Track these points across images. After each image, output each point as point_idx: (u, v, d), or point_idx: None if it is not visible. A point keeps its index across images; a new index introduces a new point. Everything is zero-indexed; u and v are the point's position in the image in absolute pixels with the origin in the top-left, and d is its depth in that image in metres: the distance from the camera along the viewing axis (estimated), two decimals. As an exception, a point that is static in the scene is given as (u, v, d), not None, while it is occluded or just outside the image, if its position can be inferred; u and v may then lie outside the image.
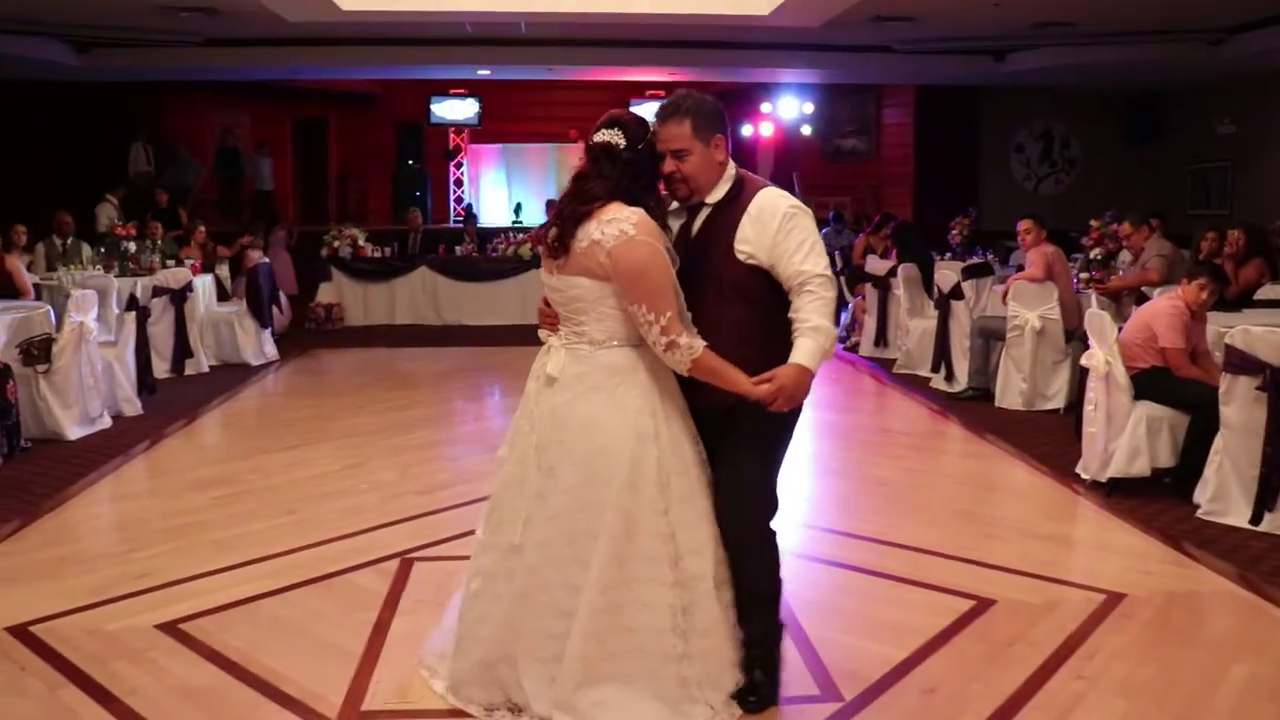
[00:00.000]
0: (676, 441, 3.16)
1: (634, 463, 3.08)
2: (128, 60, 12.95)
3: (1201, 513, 5.36)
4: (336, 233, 13.44)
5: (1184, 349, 5.77)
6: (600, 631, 3.08)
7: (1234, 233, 8.07)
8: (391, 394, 9.00)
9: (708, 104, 3.21)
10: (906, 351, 9.76)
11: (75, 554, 4.91)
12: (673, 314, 2.99)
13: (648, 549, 3.09)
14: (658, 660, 3.11)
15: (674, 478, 3.13)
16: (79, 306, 7.03)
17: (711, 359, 3.03)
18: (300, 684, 3.55)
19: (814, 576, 4.63)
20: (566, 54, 13.55)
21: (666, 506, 3.11)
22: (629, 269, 2.99)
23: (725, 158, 3.24)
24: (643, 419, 3.11)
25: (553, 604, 3.13)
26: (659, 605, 3.09)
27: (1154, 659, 3.79)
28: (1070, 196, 15.87)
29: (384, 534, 5.14)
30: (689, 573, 3.13)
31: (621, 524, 3.07)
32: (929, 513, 5.65)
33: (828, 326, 3.10)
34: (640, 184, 3.13)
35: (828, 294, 3.12)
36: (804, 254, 3.12)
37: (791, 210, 3.15)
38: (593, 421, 3.12)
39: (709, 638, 3.17)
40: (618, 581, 3.07)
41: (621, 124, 3.15)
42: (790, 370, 3.04)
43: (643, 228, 3.01)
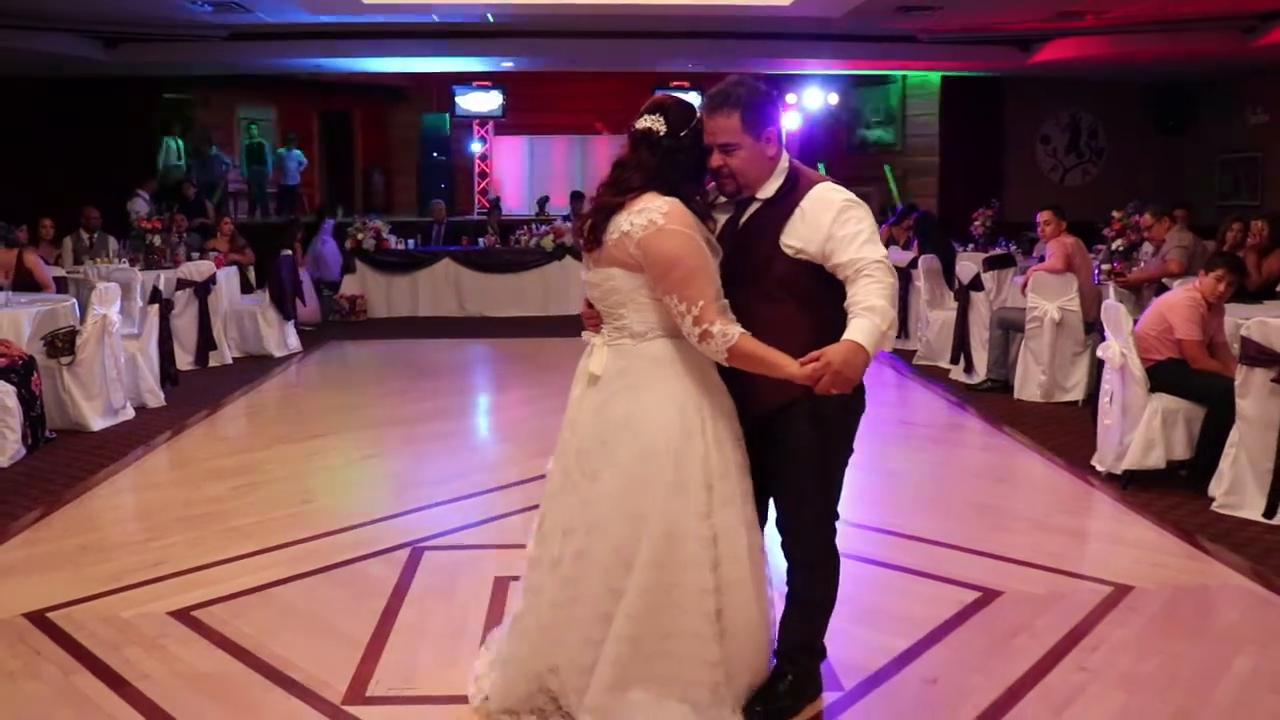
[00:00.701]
0: (721, 441, 3.03)
1: (680, 462, 2.96)
2: (156, 55, 13.08)
3: (1217, 506, 5.33)
4: (360, 225, 13.52)
5: (1200, 341, 5.73)
6: (637, 635, 2.97)
7: (1257, 223, 7.99)
8: (412, 385, 9.07)
9: (760, 94, 3.02)
10: (927, 343, 9.73)
11: (94, 543, 5.00)
12: (706, 303, 2.85)
13: (690, 553, 2.96)
14: (693, 665, 3.01)
15: (718, 481, 3.00)
16: (102, 299, 7.13)
17: (750, 343, 2.85)
18: (307, 670, 3.60)
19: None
20: (589, 46, 13.55)
21: (710, 510, 2.99)
22: (659, 259, 2.88)
23: (777, 152, 3.06)
24: (689, 415, 2.98)
25: (595, 613, 3.02)
26: (697, 611, 2.98)
27: (1157, 651, 3.78)
28: (1097, 187, 15.72)
29: (396, 523, 5.21)
30: (727, 578, 3.02)
31: (665, 527, 2.95)
32: (941, 504, 5.65)
33: (885, 307, 2.84)
34: (681, 173, 3.00)
35: (888, 278, 2.90)
36: (860, 242, 2.91)
37: (848, 202, 2.97)
38: (636, 419, 2.99)
39: (739, 640, 3.08)
40: (657, 585, 2.96)
41: (663, 109, 3.01)
42: (841, 347, 2.76)
43: (673, 216, 2.89)
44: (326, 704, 3.38)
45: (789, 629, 3.26)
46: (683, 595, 2.97)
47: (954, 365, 9.00)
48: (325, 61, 14.48)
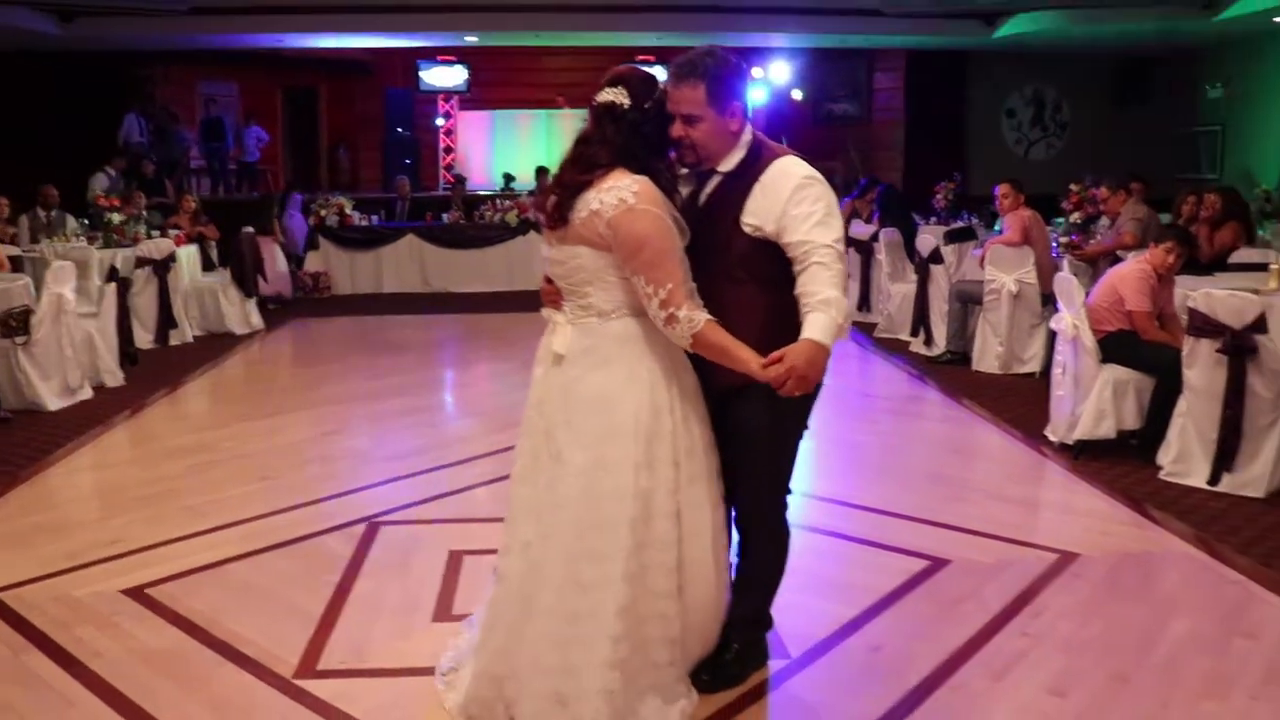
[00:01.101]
0: (688, 418, 2.99)
1: (650, 440, 2.91)
2: (112, 29, 12.92)
3: (1164, 474, 5.43)
4: (323, 201, 13.44)
5: (1150, 312, 5.81)
6: (626, 632, 2.88)
7: (1210, 196, 8.09)
8: (375, 361, 9.06)
9: (727, 66, 2.96)
10: (888, 316, 9.80)
11: (49, 522, 4.98)
12: (674, 286, 2.79)
13: (660, 533, 2.93)
14: (658, 647, 2.98)
15: (684, 458, 2.97)
16: (57, 278, 7.07)
17: (716, 333, 2.81)
18: (260, 645, 3.62)
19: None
20: (553, 19, 13.51)
21: (677, 486, 2.95)
22: (629, 240, 2.81)
23: (741, 126, 3.01)
24: (658, 391, 2.94)
25: (558, 606, 2.90)
26: (665, 591, 2.95)
27: (1099, 616, 3.86)
28: (1062, 161, 15.81)
29: (354, 499, 5.22)
30: (689, 555, 3.00)
31: (641, 509, 2.89)
32: (896, 475, 5.72)
33: (839, 298, 2.83)
34: (648, 146, 2.94)
35: (837, 265, 2.86)
36: (813, 223, 2.87)
37: (807, 179, 2.92)
38: (604, 397, 2.93)
39: (696, 615, 3.08)
40: (637, 572, 2.89)
41: (625, 81, 2.93)
42: (802, 348, 2.76)
43: (644, 196, 2.82)
44: (278, 678, 3.40)
45: (738, 601, 3.26)
46: (654, 577, 2.93)
47: (914, 338, 9.08)
48: (287, 38, 14.35)
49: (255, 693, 3.32)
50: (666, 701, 3.03)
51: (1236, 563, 4.34)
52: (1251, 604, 3.99)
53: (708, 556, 3.06)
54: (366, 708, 3.21)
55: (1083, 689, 3.33)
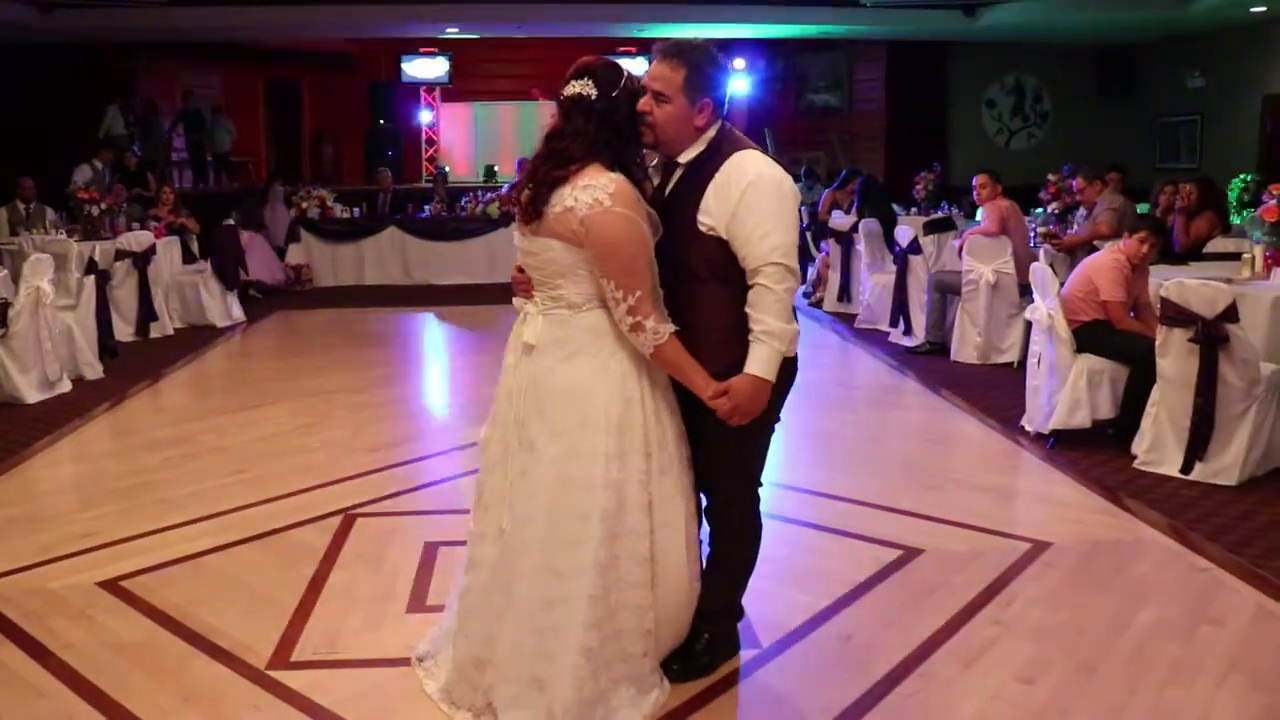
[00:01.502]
0: (659, 409, 3.01)
1: (621, 431, 2.92)
2: (92, 20, 12.84)
3: (1138, 463, 5.47)
4: (304, 194, 13.40)
5: (1124, 302, 5.85)
6: (598, 619, 2.91)
7: (1186, 186, 8.14)
8: (355, 353, 9.05)
9: (712, 63, 2.96)
10: (867, 306, 9.82)
11: (25, 514, 4.98)
12: (643, 294, 2.81)
13: (632, 523, 2.94)
14: (633, 638, 3.01)
15: (656, 449, 2.98)
16: (35, 271, 7.04)
17: (675, 350, 2.87)
18: (233, 636, 3.63)
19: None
20: (535, 10, 13.48)
21: (649, 477, 2.96)
22: (601, 242, 2.80)
23: (706, 123, 2.98)
24: (629, 383, 2.94)
25: (534, 593, 2.93)
26: (639, 582, 2.97)
27: (1068, 605, 3.90)
28: (1042, 151, 15.89)
29: (330, 491, 5.22)
30: (661, 545, 3.02)
31: (613, 498, 2.91)
32: (872, 466, 5.75)
33: (781, 328, 2.88)
34: (620, 135, 2.92)
35: (780, 286, 2.87)
36: (760, 234, 2.85)
37: (755, 180, 2.88)
38: (576, 389, 2.93)
39: (668, 606, 3.09)
40: (609, 562, 2.92)
41: (591, 72, 2.90)
42: (744, 383, 2.87)
43: (619, 197, 2.81)
44: (250, 669, 3.42)
45: (709, 592, 3.25)
46: (627, 568, 2.95)
47: (893, 328, 9.11)
48: (268, 29, 14.29)
49: (227, 683, 3.33)
50: (641, 692, 3.06)
51: (1206, 551, 4.38)
52: (1220, 592, 4.03)
53: (680, 548, 3.08)
54: (338, 698, 3.22)
55: (1050, 676, 3.36)
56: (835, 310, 10.70)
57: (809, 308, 11.21)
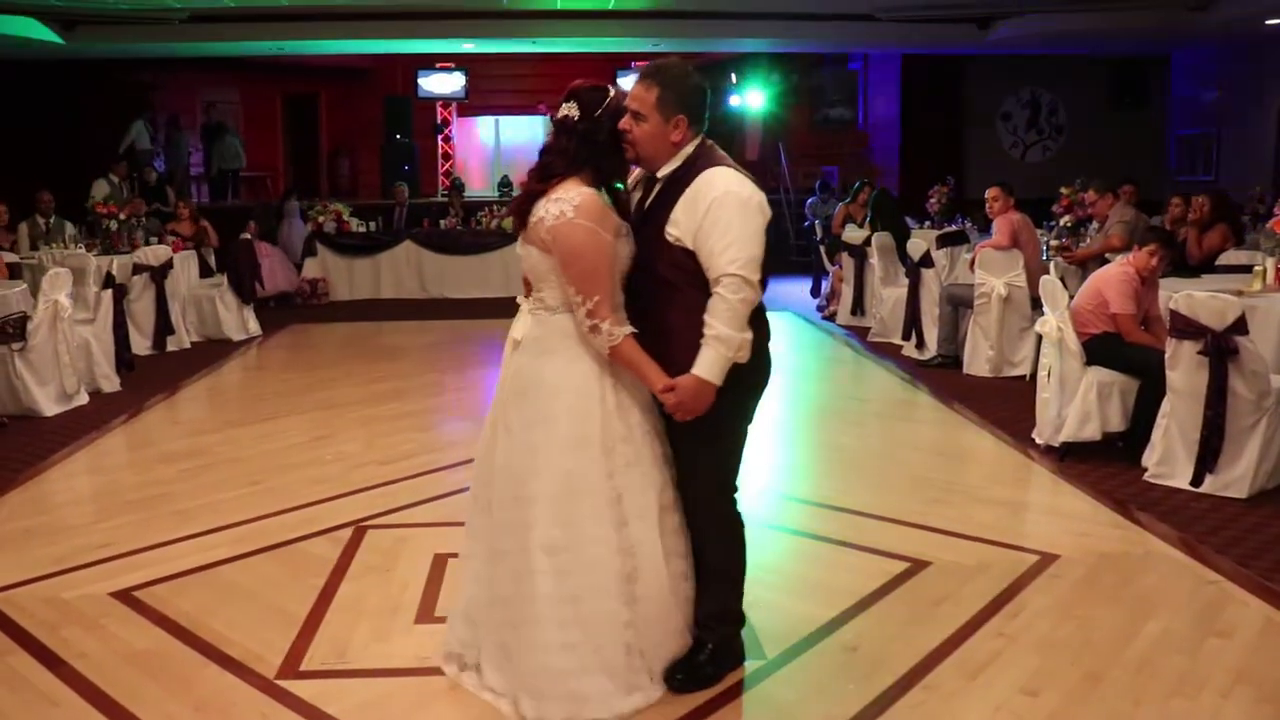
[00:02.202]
0: (624, 407, 3.17)
1: (577, 422, 3.11)
2: (113, 37, 13.00)
3: (1149, 476, 5.47)
4: (321, 208, 13.50)
5: (1134, 315, 5.85)
6: (549, 595, 3.08)
7: (1199, 198, 8.12)
8: (369, 367, 9.11)
9: (687, 83, 3.14)
10: (880, 320, 9.84)
11: (41, 526, 5.04)
12: (600, 298, 3.02)
13: (592, 510, 3.10)
14: (605, 627, 3.11)
15: (619, 444, 3.14)
16: (53, 285, 7.13)
17: (630, 349, 3.06)
18: (243, 646, 3.67)
19: (755, 539, 4.63)
20: (550, 26, 13.57)
21: (611, 470, 3.12)
22: (563, 250, 3.04)
23: (682, 140, 3.14)
24: (590, 381, 3.13)
25: (504, 565, 3.19)
26: (606, 570, 3.10)
27: (1075, 617, 3.89)
28: (1057, 164, 15.85)
29: (342, 503, 5.26)
30: (633, 538, 3.13)
31: (562, 485, 3.09)
32: (882, 478, 5.76)
33: (729, 334, 3.01)
34: (599, 151, 3.13)
35: (735, 296, 3.00)
36: (722, 246, 3.00)
37: (722, 197, 3.03)
38: (543, 383, 3.16)
39: (653, 604, 3.18)
40: (564, 545, 3.08)
41: (575, 95, 3.16)
42: (688, 382, 3.02)
43: (584, 210, 3.03)
44: (260, 678, 3.45)
45: (702, 598, 3.33)
46: (591, 553, 3.10)
47: (906, 341, 9.11)
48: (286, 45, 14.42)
49: (237, 693, 3.37)
50: (617, 686, 3.15)
51: (1216, 563, 4.38)
52: (1228, 604, 4.02)
53: (654, 540, 3.18)
54: (345, 707, 3.26)
55: (1055, 688, 3.36)
56: (849, 323, 10.72)
57: (823, 321, 11.24)
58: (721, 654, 3.38)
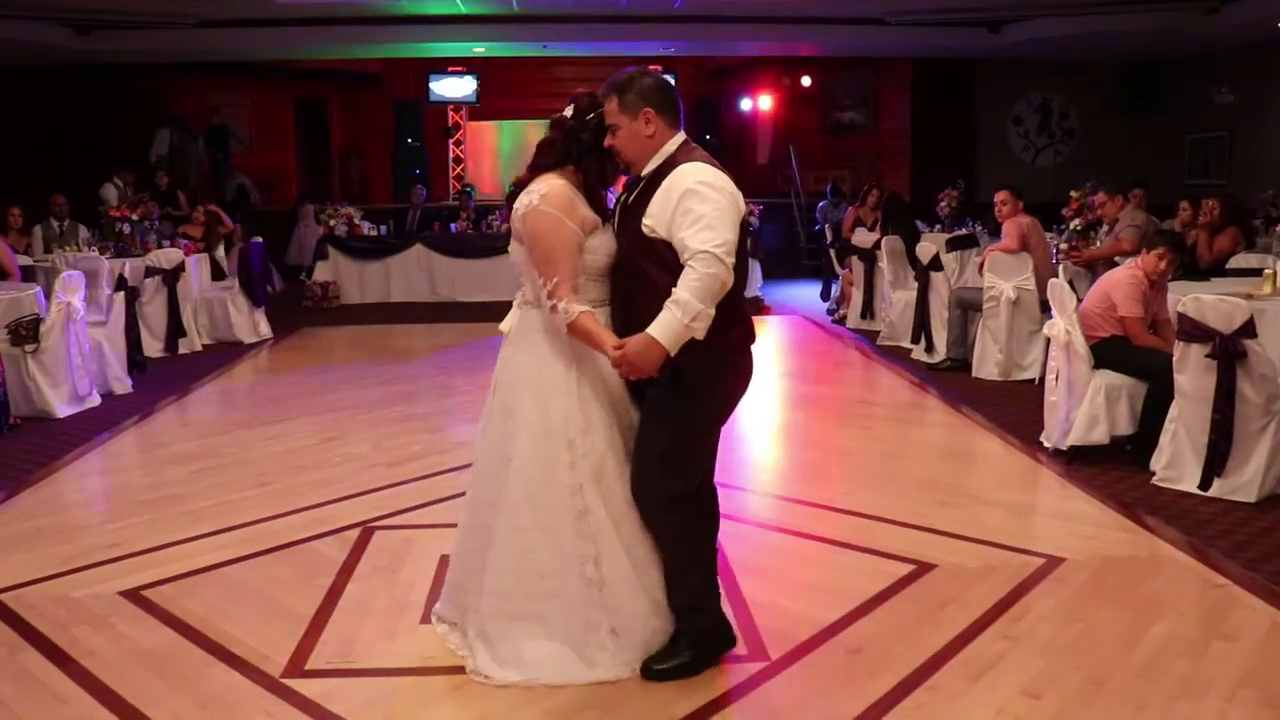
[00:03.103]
0: (587, 402, 3.34)
1: (544, 412, 3.32)
2: (127, 43, 13.08)
3: (1156, 480, 5.45)
4: (332, 211, 13.56)
5: (1142, 318, 5.84)
6: (515, 568, 3.35)
7: (1209, 202, 8.10)
8: (379, 370, 9.15)
9: (638, 82, 3.27)
10: (890, 323, 9.83)
11: (53, 525, 5.07)
12: (559, 280, 3.20)
13: (557, 498, 3.31)
14: (569, 605, 3.33)
15: (579, 436, 3.31)
16: (66, 287, 7.18)
17: (585, 321, 3.18)
18: (250, 645, 3.69)
19: (761, 541, 4.76)
20: (562, 30, 13.60)
21: (573, 461, 3.30)
22: (529, 234, 3.27)
23: (654, 132, 3.27)
24: (557, 373, 3.33)
25: (477, 543, 3.46)
26: (569, 554, 3.32)
27: (1079, 620, 3.89)
28: (1069, 167, 15.82)
29: (350, 504, 5.29)
30: (594, 525, 3.31)
31: (533, 468, 3.33)
32: (889, 481, 5.75)
33: (689, 300, 3.02)
34: (581, 147, 3.35)
35: (705, 269, 3.03)
36: (695, 229, 3.07)
37: (693, 187, 3.12)
38: (518, 374, 3.39)
39: (618, 590, 3.34)
40: (531, 526, 3.33)
41: (575, 99, 3.41)
42: (637, 339, 3.08)
43: (549, 198, 3.24)
44: (266, 677, 3.48)
45: (670, 592, 3.42)
46: (555, 538, 3.32)
47: (915, 345, 9.11)
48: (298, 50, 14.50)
49: (242, 691, 3.39)
50: (579, 657, 3.35)
51: (1224, 567, 4.36)
52: (1234, 608, 4.01)
53: (611, 529, 3.33)
54: (350, 706, 3.27)
55: (1058, 691, 3.36)
56: (859, 327, 10.72)
57: (833, 325, 11.24)
58: (699, 643, 3.44)
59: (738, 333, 3.31)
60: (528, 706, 3.26)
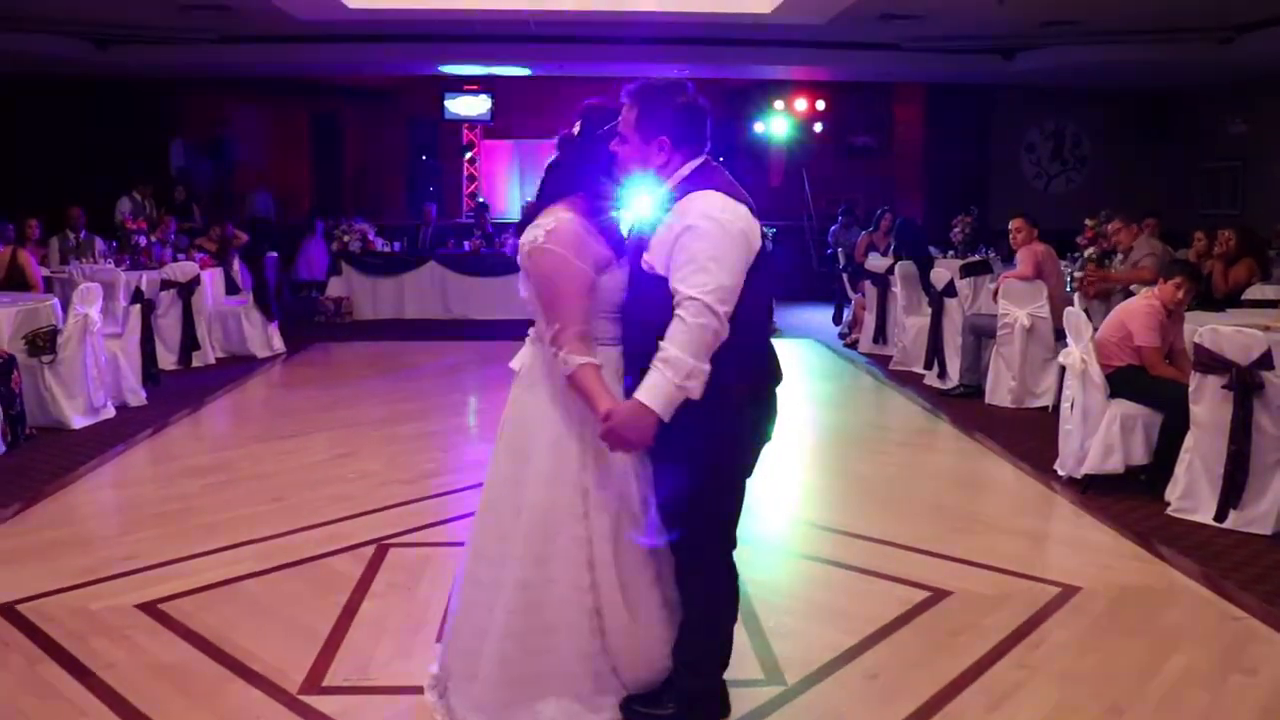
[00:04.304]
0: (600, 449, 2.98)
1: (554, 460, 3.03)
2: (145, 57, 13.19)
3: (1172, 510, 5.44)
4: (346, 227, 13.61)
5: (1159, 348, 5.84)
6: (520, 631, 3.05)
7: (1225, 233, 8.10)
8: (392, 386, 9.17)
9: (669, 103, 2.94)
10: (903, 348, 9.84)
11: (69, 537, 5.09)
12: (561, 327, 2.90)
13: (563, 549, 3.04)
14: (571, 658, 3.09)
15: (594, 488, 3.03)
16: (83, 299, 7.21)
17: (584, 378, 2.88)
18: (267, 661, 3.70)
19: (777, 566, 4.76)
20: (577, 50, 13.68)
21: (586, 511, 3.04)
22: (534, 275, 2.99)
23: (665, 163, 2.95)
24: (570, 418, 3.03)
25: (482, 599, 3.14)
26: (576, 606, 3.06)
27: (1096, 649, 3.89)
28: (1081, 195, 15.82)
29: (365, 521, 5.30)
30: (601, 578, 3.06)
31: (539, 521, 3.03)
32: (903, 507, 5.75)
33: (679, 358, 2.72)
34: (596, 166, 3.05)
35: (694, 320, 2.72)
36: (687, 271, 2.75)
37: (693, 224, 2.79)
38: (527, 417, 3.10)
39: (620, 639, 3.12)
40: (538, 581, 3.04)
41: (583, 113, 3.11)
42: (624, 407, 2.80)
43: (555, 235, 2.93)
44: (284, 693, 3.48)
45: (678, 641, 3.15)
46: (562, 590, 3.04)
47: (928, 371, 9.11)
48: (313, 66, 14.59)
49: (262, 707, 3.40)
50: (584, 707, 3.12)
51: (1240, 599, 4.35)
52: (1253, 641, 4.00)
53: (615, 590, 3.07)
54: (368, 724, 3.28)
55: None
56: (870, 352, 10.72)
57: (845, 349, 11.24)
58: (685, 703, 3.15)
59: (747, 382, 2.96)
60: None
